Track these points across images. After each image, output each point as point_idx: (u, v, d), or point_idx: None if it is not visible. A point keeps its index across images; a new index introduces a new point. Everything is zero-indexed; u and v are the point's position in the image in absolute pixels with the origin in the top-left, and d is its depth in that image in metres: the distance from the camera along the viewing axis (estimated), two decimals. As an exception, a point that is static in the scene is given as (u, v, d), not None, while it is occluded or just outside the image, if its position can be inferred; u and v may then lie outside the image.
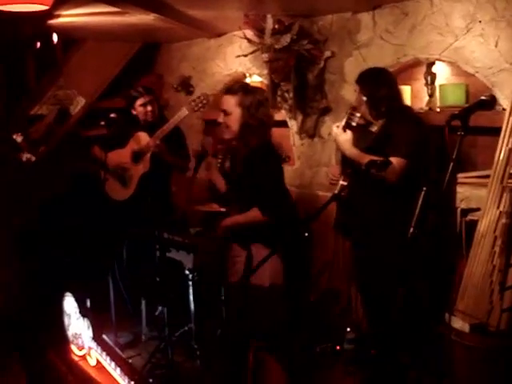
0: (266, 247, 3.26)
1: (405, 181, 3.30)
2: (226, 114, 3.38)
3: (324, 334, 4.09)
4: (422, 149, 3.41)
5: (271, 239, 3.28)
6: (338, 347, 3.97)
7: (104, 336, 3.66)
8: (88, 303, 3.76)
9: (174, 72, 5.95)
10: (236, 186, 3.57)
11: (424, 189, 2.73)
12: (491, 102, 3.14)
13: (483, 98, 2.95)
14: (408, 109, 3.69)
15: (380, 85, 3.47)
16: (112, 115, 4.33)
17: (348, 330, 3.94)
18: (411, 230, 2.68)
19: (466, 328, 3.01)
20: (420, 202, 2.70)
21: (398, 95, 3.56)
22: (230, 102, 3.36)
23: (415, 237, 2.67)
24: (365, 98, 3.47)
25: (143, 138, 4.51)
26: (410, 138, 3.36)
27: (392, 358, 3.56)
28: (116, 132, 4.54)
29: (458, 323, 3.04)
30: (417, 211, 2.70)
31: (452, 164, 2.66)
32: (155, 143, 4.36)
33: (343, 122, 3.49)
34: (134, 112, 4.62)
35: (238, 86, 3.47)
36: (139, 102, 4.57)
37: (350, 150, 3.44)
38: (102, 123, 4.34)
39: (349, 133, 3.47)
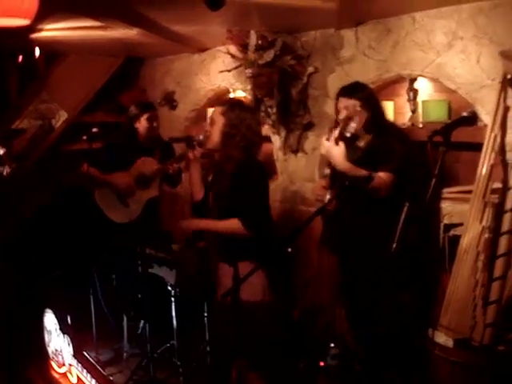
0: (252, 263, 3.14)
1: (392, 195, 3.30)
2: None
3: (307, 349, 4.07)
4: (408, 164, 3.42)
5: (258, 255, 3.18)
6: (321, 363, 3.96)
7: (85, 353, 3.60)
8: (69, 319, 3.71)
9: (157, 87, 5.94)
10: (219, 201, 3.45)
11: (406, 204, 2.73)
12: (473, 119, 3.17)
13: (465, 114, 2.98)
14: (393, 124, 3.71)
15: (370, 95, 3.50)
16: (94, 129, 4.27)
17: (332, 345, 3.93)
18: (394, 245, 2.69)
19: (450, 343, 3.02)
20: (402, 218, 2.71)
21: (382, 110, 3.59)
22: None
23: (398, 252, 2.67)
24: (359, 104, 3.44)
25: (150, 163, 4.48)
26: (397, 152, 3.36)
27: (376, 374, 3.55)
28: (116, 153, 4.50)
29: (442, 338, 3.05)
30: (399, 226, 2.70)
31: (434, 179, 2.68)
32: (176, 168, 4.35)
33: (336, 133, 3.36)
34: (137, 125, 4.53)
35: (228, 99, 3.49)
36: (146, 115, 4.51)
37: (344, 164, 3.32)
38: (84, 138, 4.28)
39: (342, 146, 3.33)
